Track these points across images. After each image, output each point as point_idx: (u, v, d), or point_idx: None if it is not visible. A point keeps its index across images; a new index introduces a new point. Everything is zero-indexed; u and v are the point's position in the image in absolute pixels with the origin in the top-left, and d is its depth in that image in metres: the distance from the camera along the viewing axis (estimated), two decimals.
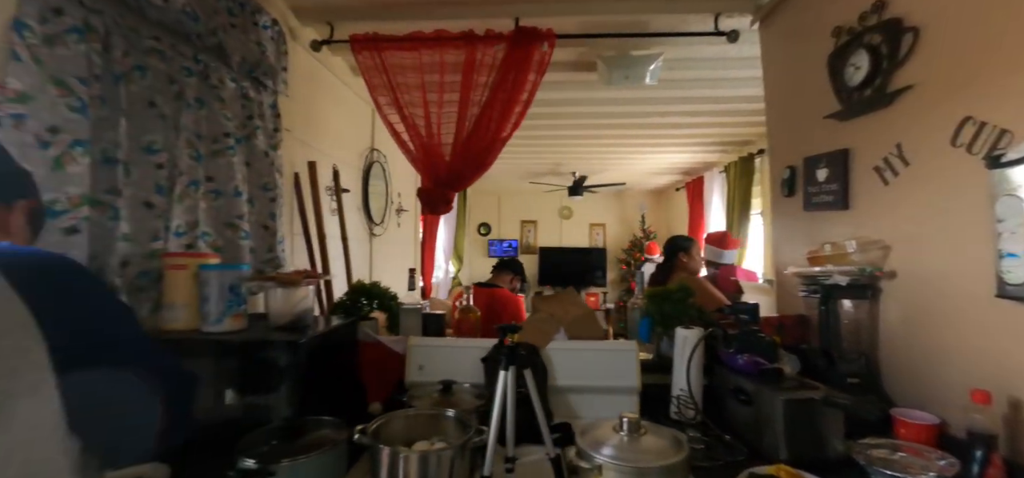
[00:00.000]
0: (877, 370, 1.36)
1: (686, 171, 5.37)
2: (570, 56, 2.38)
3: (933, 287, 1.20)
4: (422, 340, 1.49)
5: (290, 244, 2.02)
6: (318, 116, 2.28)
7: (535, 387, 1.02)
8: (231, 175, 1.59)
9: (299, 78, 2.10)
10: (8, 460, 0.44)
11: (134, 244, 1.28)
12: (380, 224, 3.01)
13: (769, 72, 1.96)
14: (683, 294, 1.52)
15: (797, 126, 1.75)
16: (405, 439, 1.07)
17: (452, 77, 1.93)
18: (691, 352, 1.29)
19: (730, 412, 1.31)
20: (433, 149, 1.92)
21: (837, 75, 1.50)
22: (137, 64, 1.29)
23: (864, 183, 1.41)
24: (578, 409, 1.43)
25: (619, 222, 6.98)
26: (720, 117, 3.38)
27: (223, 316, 1.25)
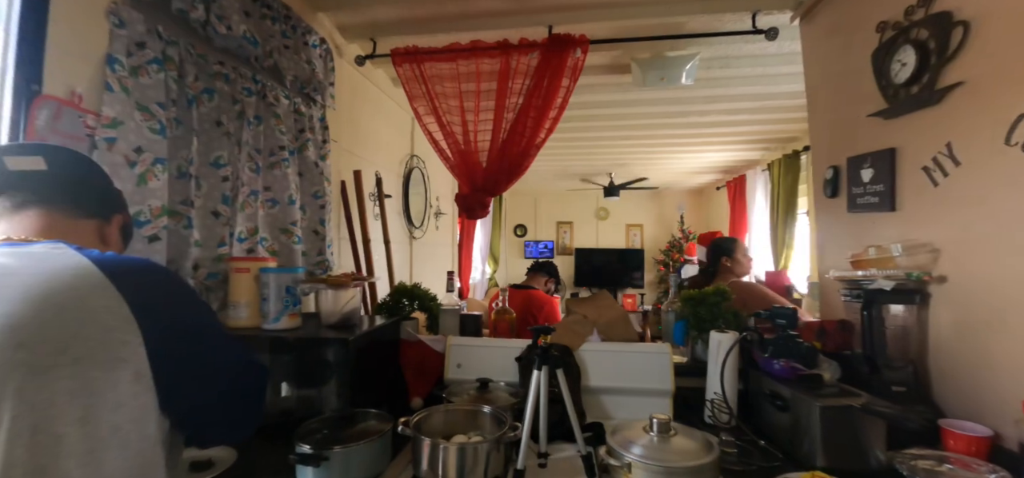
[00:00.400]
0: (926, 379, 1.31)
1: (726, 170, 5.22)
2: (604, 60, 2.40)
3: (987, 292, 1.15)
4: (460, 340, 1.56)
5: (337, 248, 2.15)
6: (362, 126, 2.41)
7: (567, 387, 1.07)
8: (286, 185, 1.72)
9: (344, 91, 2.23)
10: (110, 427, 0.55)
11: (204, 249, 1.42)
12: (420, 227, 3.12)
13: (810, 69, 1.91)
14: (718, 297, 1.52)
15: (840, 125, 1.70)
16: (444, 432, 1.15)
17: (488, 85, 2.00)
18: (725, 356, 1.29)
19: (766, 418, 1.30)
20: (470, 156, 1.99)
21: (882, 72, 1.45)
22: (206, 87, 1.44)
23: (912, 184, 1.36)
24: (611, 410, 1.46)
25: (657, 223, 6.86)
26: (761, 114, 3.28)
27: (281, 315, 1.37)
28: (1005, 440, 1.08)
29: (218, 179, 1.46)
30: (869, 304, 1.29)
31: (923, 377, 1.31)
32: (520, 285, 2.48)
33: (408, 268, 3.01)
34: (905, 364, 1.31)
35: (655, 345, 1.47)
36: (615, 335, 1.53)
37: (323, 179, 1.93)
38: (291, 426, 1.09)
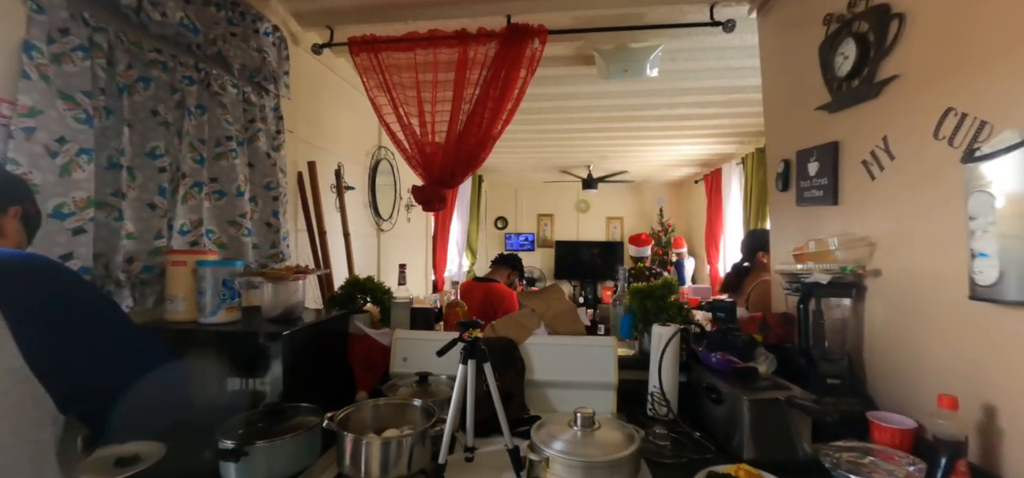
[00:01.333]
0: (862, 371, 1.33)
1: (704, 163, 5.24)
2: (568, 51, 2.38)
3: (915, 287, 1.16)
4: (406, 333, 1.55)
5: (294, 240, 2.12)
6: (322, 117, 2.37)
7: (494, 381, 1.06)
8: (233, 176, 1.68)
9: (302, 81, 2.19)
10: None
11: (139, 242, 1.39)
12: (388, 220, 3.09)
13: (766, 63, 1.91)
14: (665, 290, 1.52)
15: (791, 118, 1.71)
16: (375, 426, 1.14)
17: (445, 75, 1.97)
18: (663, 349, 1.29)
19: (704, 410, 1.31)
20: (427, 147, 1.97)
21: (827, 65, 1.45)
22: (141, 76, 1.39)
23: (852, 177, 1.37)
24: (556, 403, 1.46)
25: (637, 215, 6.88)
26: (731, 107, 3.29)
27: (218, 308, 1.35)
28: (928, 432, 1.10)
29: (154, 170, 1.42)
30: (805, 297, 1.30)
31: (858, 370, 1.33)
32: (482, 278, 2.47)
33: (375, 261, 2.98)
34: (841, 357, 1.32)
35: (600, 338, 1.47)
36: (562, 328, 1.52)
37: (277, 170, 1.89)
38: (225, 421, 1.08)
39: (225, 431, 1.05)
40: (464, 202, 5.00)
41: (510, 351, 1.43)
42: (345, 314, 1.60)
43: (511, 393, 1.34)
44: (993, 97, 0.97)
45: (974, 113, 1.00)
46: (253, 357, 1.30)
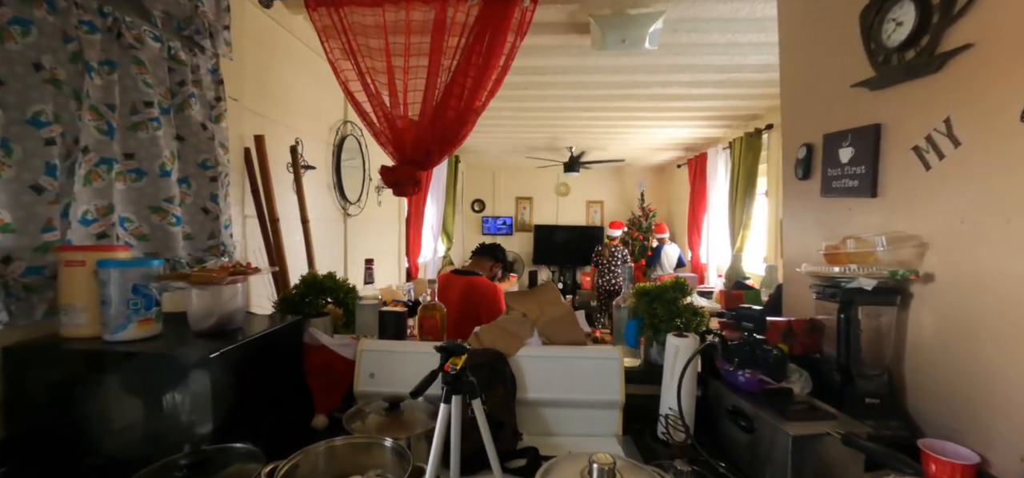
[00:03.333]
0: (901, 388, 1.16)
1: (688, 147, 5.10)
2: (560, 16, 2.12)
3: (983, 294, 0.98)
4: (374, 344, 1.30)
5: (241, 228, 1.81)
6: (274, 83, 2.04)
7: (484, 419, 0.83)
8: (156, 151, 1.36)
9: (249, 39, 1.85)
10: None
11: (19, 236, 1.07)
12: (356, 203, 2.79)
13: (786, 33, 1.70)
14: (677, 292, 1.31)
15: (817, 97, 1.51)
16: (333, 476, 0.89)
17: (420, 39, 1.68)
18: (684, 367, 1.09)
19: (726, 435, 1.12)
20: (398, 121, 1.68)
21: (872, 33, 1.25)
22: (15, 17, 1.06)
23: (898, 166, 1.18)
24: (553, 425, 1.24)
25: (617, 199, 6.73)
26: (726, 88, 3.11)
27: (128, 322, 1.06)
28: (994, 468, 0.93)
29: (39, 142, 1.10)
30: (847, 306, 1.12)
31: (898, 387, 1.16)
32: (461, 271, 2.21)
33: (342, 250, 2.69)
34: (880, 372, 1.15)
35: (604, 349, 1.25)
36: (559, 337, 1.30)
37: (215, 145, 1.57)
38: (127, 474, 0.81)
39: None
40: (440, 184, 4.69)
41: (498, 366, 1.20)
42: (299, 320, 1.33)
43: (500, 420, 1.11)
44: None
45: None
46: (173, 385, 1.02)
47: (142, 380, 1.01)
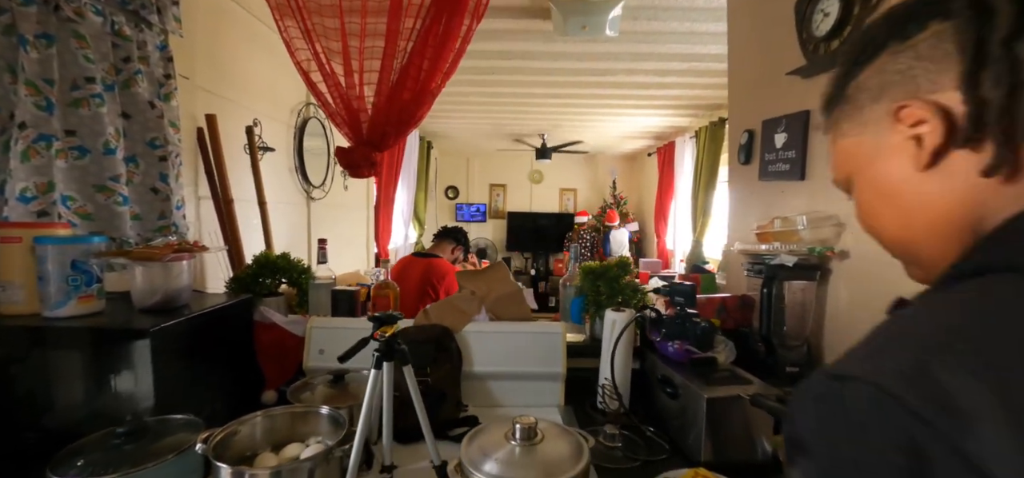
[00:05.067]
0: (820, 357, 1.25)
1: (657, 136, 5.20)
2: (521, 0, 2.14)
3: (884, 268, 1.06)
4: (323, 321, 1.32)
5: (195, 209, 1.80)
6: (229, 62, 2.01)
7: (416, 387, 0.87)
8: (99, 129, 1.34)
9: (201, 16, 1.82)
10: None
11: None
12: (320, 187, 2.77)
13: (733, 22, 1.77)
14: (620, 271, 1.37)
15: (758, 84, 1.58)
16: (271, 444, 0.92)
17: (376, 20, 1.68)
18: (617, 338, 1.15)
19: (659, 403, 1.19)
20: (354, 102, 1.69)
21: (804, 24, 1.32)
22: None
23: (823, 150, 1.26)
24: (499, 396, 1.29)
25: (590, 187, 6.82)
26: (689, 77, 3.18)
27: (67, 298, 1.05)
28: None
29: None
30: (770, 280, 1.20)
31: (817, 356, 1.25)
32: (422, 253, 2.23)
33: (305, 233, 2.67)
34: (800, 343, 1.23)
35: (547, 324, 1.31)
36: (506, 313, 1.35)
37: (164, 124, 1.55)
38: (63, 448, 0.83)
39: (59, 461, 0.80)
40: (410, 169, 4.68)
41: (444, 341, 1.24)
42: (248, 299, 1.34)
43: (444, 391, 1.15)
44: None
45: None
46: (116, 361, 1.03)
47: (82, 355, 1.02)
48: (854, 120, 0.44)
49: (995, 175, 0.35)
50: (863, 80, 0.43)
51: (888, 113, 0.40)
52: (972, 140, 0.36)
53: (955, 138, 0.36)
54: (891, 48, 0.40)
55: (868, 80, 0.42)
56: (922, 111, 0.37)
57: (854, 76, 0.44)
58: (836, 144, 0.48)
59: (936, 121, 0.37)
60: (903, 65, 0.39)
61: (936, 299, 0.36)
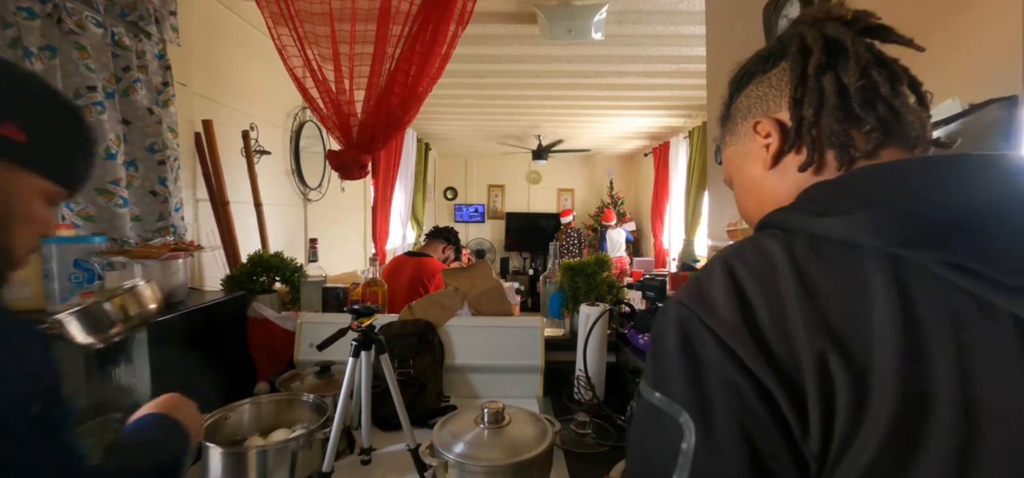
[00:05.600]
0: None
1: (653, 136, 5.24)
2: (508, 5, 2.20)
3: None
4: (312, 316, 1.39)
5: (193, 211, 1.87)
6: (226, 69, 2.08)
7: (392, 374, 0.93)
8: (101, 134, 1.41)
9: (197, 25, 1.89)
10: None
11: None
12: (317, 188, 2.84)
13: (711, 26, 1.83)
14: (597, 267, 1.43)
15: None
16: (258, 429, 0.98)
17: (365, 27, 1.75)
18: (589, 330, 1.20)
19: (631, 394, 1.24)
20: (344, 106, 1.75)
21: (770, 29, 1.37)
22: None
23: None
24: (479, 389, 1.35)
25: (588, 187, 6.87)
26: (679, 78, 3.23)
27: (71, 294, 1.12)
28: None
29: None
30: None
31: None
32: (414, 253, 2.30)
33: (302, 235, 2.74)
34: None
35: (526, 318, 1.36)
36: (487, 308, 1.41)
37: (163, 129, 1.62)
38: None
39: None
40: (408, 171, 4.74)
41: (427, 335, 1.30)
42: (241, 296, 1.41)
43: (425, 382, 1.22)
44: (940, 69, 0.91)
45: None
46: (115, 354, 1.09)
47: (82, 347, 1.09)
48: (732, 133, 0.57)
49: (808, 169, 0.47)
50: (738, 103, 0.56)
51: (750, 128, 0.52)
52: (795, 145, 0.48)
53: (786, 144, 0.49)
54: (756, 78, 0.53)
55: (741, 103, 0.55)
56: (769, 125, 0.50)
57: (734, 100, 0.57)
58: (723, 152, 0.61)
59: (776, 133, 0.49)
60: (762, 92, 0.52)
61: (718, 251, 0.47)
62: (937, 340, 0.34)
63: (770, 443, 0.36)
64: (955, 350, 0.34)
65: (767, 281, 0.39)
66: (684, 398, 0.39)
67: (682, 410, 0.39)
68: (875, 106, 0.45)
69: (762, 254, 0.41)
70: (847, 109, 0.45)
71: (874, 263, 0.37)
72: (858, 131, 0.45)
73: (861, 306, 0.36)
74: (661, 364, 0.42)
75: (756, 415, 0.36)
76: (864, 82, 0.45)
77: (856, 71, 0.45)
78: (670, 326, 0.42)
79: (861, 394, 0.34)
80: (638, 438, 0.44)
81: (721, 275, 0.41)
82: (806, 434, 0.36)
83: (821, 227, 0.40)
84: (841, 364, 0.35)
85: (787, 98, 0.48)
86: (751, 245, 0.43)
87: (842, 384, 0.34)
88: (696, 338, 0.39)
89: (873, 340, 0.35)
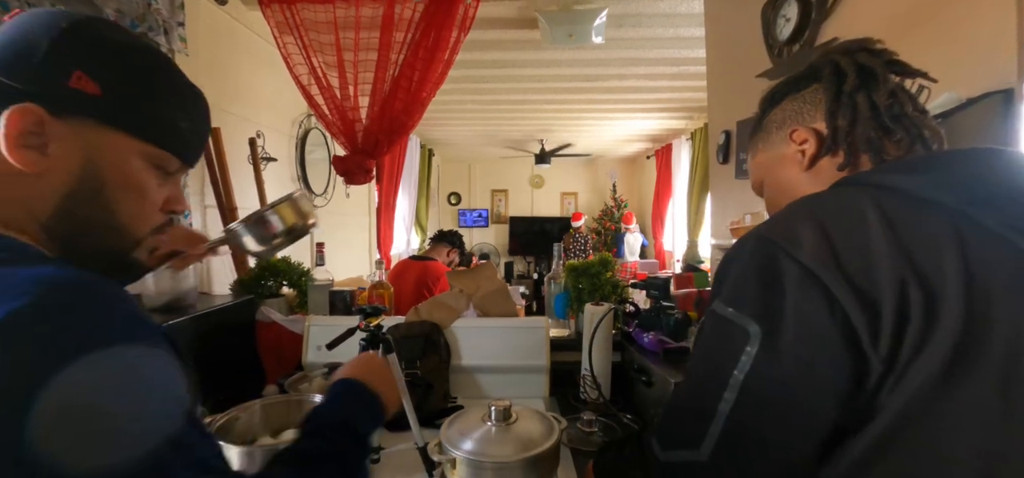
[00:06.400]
0: None
1: (655, 138, 5.26)
2: (509, 12, 2.22)
3: None
4: (320, 319, 1.40)
5: (202, 218, 1.89)
6: (233, 78, 2.11)
7: (400, 373, 0.94)
8: None
9: (205, 35, 1.92)
10: None
11: None
12: (322, 195, 2.87)
13: (710, 28, 1.84)
14: (601, 267, 1.44)
15: (733, 87, 1.65)
16: (269, 429, 1.00)
17: (369, 35, 1.77)
18: (594, 330, 1.21)
19: (637, 393, 1.25)
20: (349, 112, 1.78)
21: (769, 29, 1.39)
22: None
23: None
24: (486, 389, 1.36)
25: (591, 190, 6.88)
26: (681, 80, 3.25)
27: None
28: None
29: None
30: None
31: None
32: (419, 256, 2.32)
33: (308, 240, 2.76)
34: None
35: (531, 319, 1.37)
36: (493, 309, 1.42)
37: None
38: None
39: None
40: (411, 176, 4.77)
41: (433, 336, 1.31)
42: (250, 300, 1.43)
43: (432, 383, 1.23)
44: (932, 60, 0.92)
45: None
46: None
47: None
48: (766, 142, 0.66)
49: (845, 170, 0.56)
50: (772, 116, 0.64)
51: (785, 136, 0.61)
52: (832, 150, 0.57)
53: (822, 149, 0.58)
54: (790, 96, 0.62)
55: (775, 116, 0.64)
56: (805, 133, 0.59)
57: (767, 114, 0.66)
58: (754, 160, 0.69)
59: (813, 139, 0.58)
60: (796, 106, 0.61)
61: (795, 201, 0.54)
62: (996, 281, 0.42)
63: (831, 352, 0.43)
64: (1007, 290, 0.42)
65: (851, 218, 0.46)
66: (755, 309, 0.46)
67: (751, 320, 0.45)
68: (902, 120, 0.54)
69: (844, 200, 0.49)
70: (879, 121, 0.54)
71: (944, 215, 0.45)
72: (889, 141, 0.54)
73: (936, 245, 0.43)
74: (738, 285, 0.48)
75: (823, 327, 0.43)
76: (891, 101, 0.54)
77: (885, 93, 0.54)
78: (750, 254, 0.48)
79: (933, 315, 0.41)
80: (704, 344, 0.51)
81: (804, 216, 0.48)
82: (876, 342, 0.42)
83: (898, 182, 0.48)
84: (918, 286, 0.41)
85: (821, 111, 0.57)
86: (830, 194, 0.52)
87: (917, 304, 0.41)
88: (777, 264, 0.45)
89: (946, 272, 0.42)
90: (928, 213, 0.45)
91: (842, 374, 0.43)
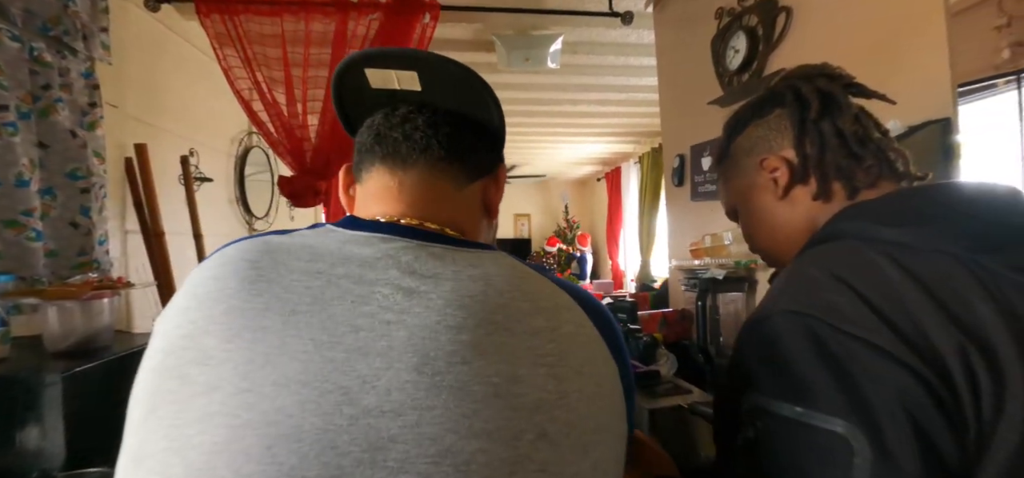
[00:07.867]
0: None
1: (605, 161, 5.42)
2: (466, 34, 2.21)
3: None
4: None
5: (121, 244, 1.69)
6: (164, 90, 1.93)
7: None
8: (11, 159, 1.25)
9: (132, 43, 1.75)
10: None
11: None
12: (263, 218, 2.67)
13: (662, 58, 1.91)
14: None
15: (686, 113, 1.71)
16: None
17: (319, 50, 1.68)
18: None
19: None
20: (297, 131, 1.66)
21: (719, 59, 1.45)
22: None
23: None
24: None
25: (544, 212, 6.96)
26: (629, 106, 3.37)
27: None
28: None
29: None
30: (703, 293, 1.27)
31: None
32: None
33: None
34: None
35: None
36: None
37: (88, 154, 1.47)
38: None
39: None
40: None
41: None
42: None
43: None
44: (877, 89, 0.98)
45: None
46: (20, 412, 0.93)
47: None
48: (736, 169, 0.63)
49: (819, 199, 0.55)
50: (738, 142, 0.62)
51: (756, 164, 0.59)
52: (804, 179, 0.55)
53: (795, 178, 0.56)
54: (753, 122, 0.60)
55: (741, 142, 0.62)
56: (776, 161, 0.57)
57: (733, 139, 0.63)
58: (725, 186, 0.67)
59: (784, 168, 0.56)
60: (761, 133, 0.59)
61: (796, 263, 0.51)
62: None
63: (936, 426, 0.37)
64: None
65: (877, 282, 0.42)
66: (841, 407, 0.38)
67: (840, 420, 0.38)
68: (867, 145, 0.53)
69: (859, 259, 0.44)
70: (848, 148, 0.53)
71: (962, 266, 0.42)
72: (859, 167, 0.53)
73: (971, 303, 0.40)
74: (794, 376, 0.40)
75: (920, 403, 0.37)
76: (857, 127, 0.53)
77: (850, 118, 0.53)
78: (791, 336, 0.41)
79: (1000, 383, 0.37)
80: (787, 458, 0.41)
81: (826, 280, 0.43)
82: (963, 416, 0.37)
83: (904, 236, 0.44)
84: (978, 355, 0.38)
85: (788, 139, 0.56)
86: (844, 252, 0.47)
87: (983, 375, 0.37)
88: (834, 343, 0.39)
89: (994, 332, 0.38)
90: (947, 266, 0.42)
91: (951, 450, 0.37)
